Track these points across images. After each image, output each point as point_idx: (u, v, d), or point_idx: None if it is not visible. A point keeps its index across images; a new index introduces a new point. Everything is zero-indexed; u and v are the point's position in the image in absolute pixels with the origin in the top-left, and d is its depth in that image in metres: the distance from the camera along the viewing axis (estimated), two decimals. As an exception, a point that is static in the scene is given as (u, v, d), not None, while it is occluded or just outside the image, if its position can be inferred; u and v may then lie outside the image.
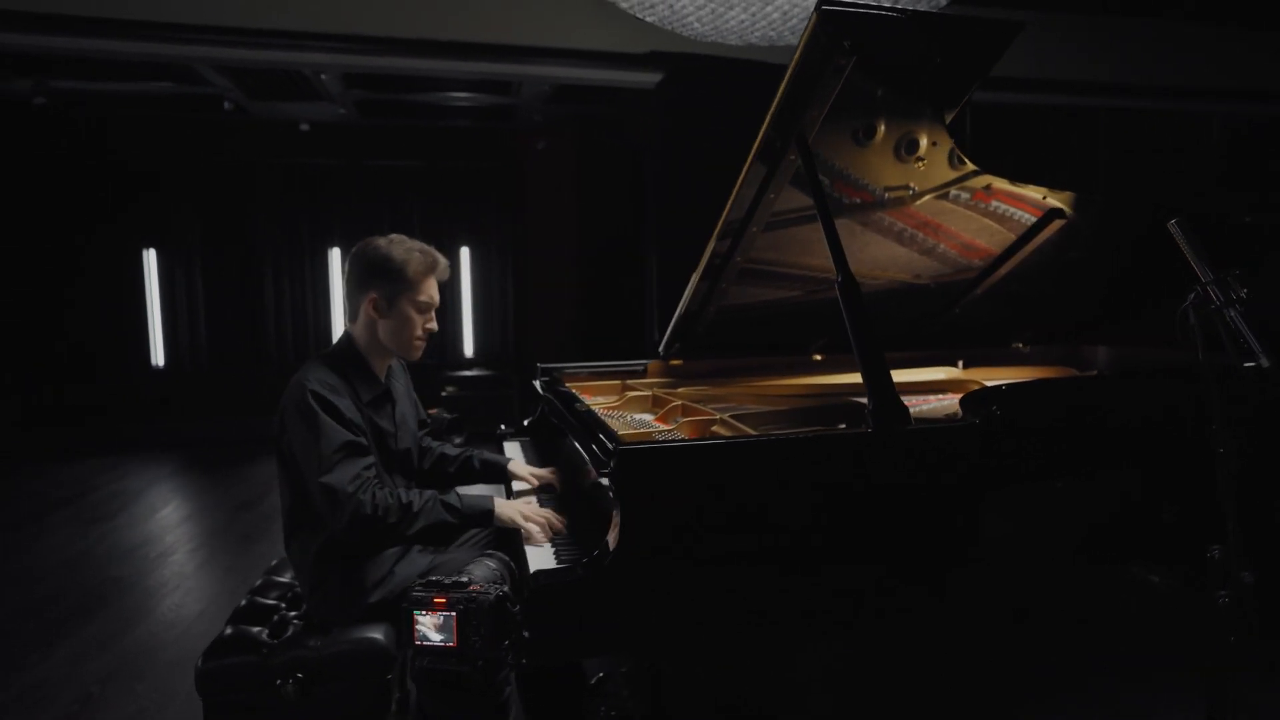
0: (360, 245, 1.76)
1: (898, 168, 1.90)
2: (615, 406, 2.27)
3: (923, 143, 1.85)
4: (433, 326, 1.79)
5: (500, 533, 1.84)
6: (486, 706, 1.05)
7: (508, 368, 6.73)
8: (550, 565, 1.45)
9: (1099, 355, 2.78)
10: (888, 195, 2.01)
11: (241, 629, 1.70)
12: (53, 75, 4.90)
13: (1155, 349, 2.52)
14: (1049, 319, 2.65)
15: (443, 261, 1.79)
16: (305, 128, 6.04)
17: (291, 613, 1.79)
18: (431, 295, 1.77)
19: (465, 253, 6.87)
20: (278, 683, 1.56)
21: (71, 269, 6.09)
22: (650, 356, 2.51)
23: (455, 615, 1.00)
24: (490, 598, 1.03)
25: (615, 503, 1.23)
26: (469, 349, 6.95)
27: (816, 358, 2.57)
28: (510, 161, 6.63)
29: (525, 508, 1.70)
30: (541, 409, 2.34)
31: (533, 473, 2.00)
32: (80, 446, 5.81)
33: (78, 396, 6.13)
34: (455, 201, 6.77)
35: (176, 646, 2.70)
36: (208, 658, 1.60)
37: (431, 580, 1.08)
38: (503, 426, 2.55)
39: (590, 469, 1.50)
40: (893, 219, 2.11)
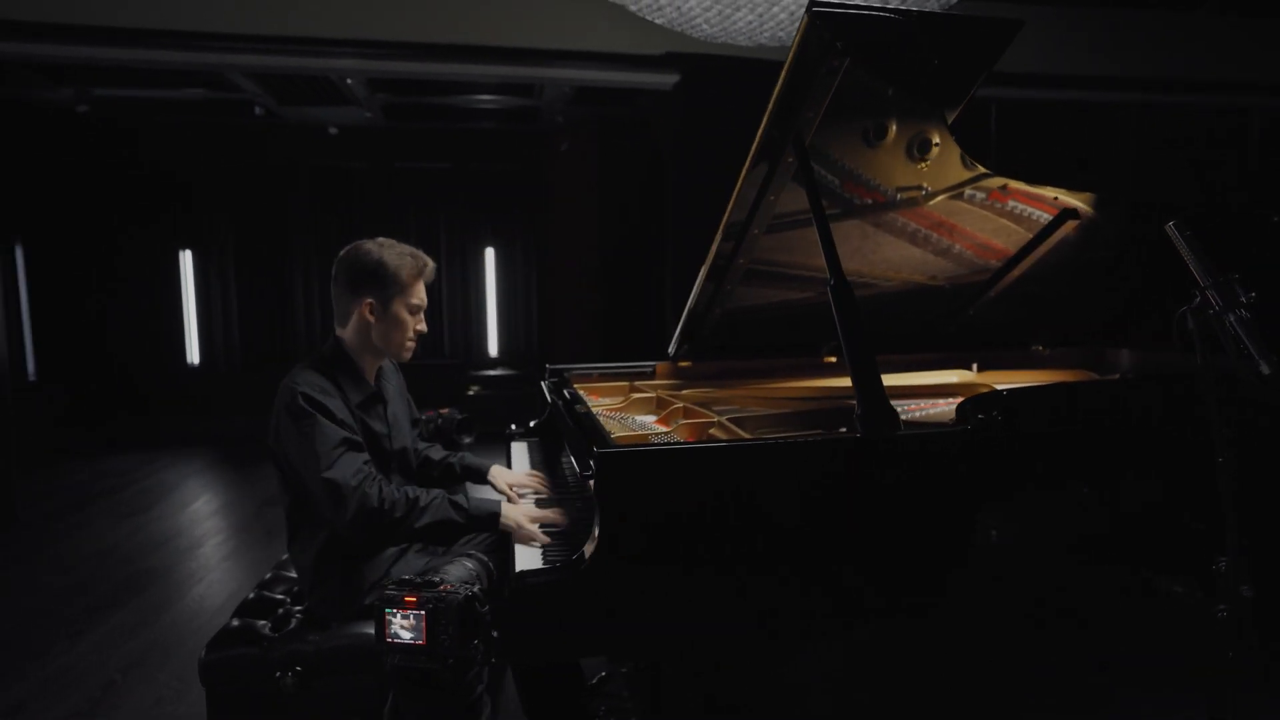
0: (349, 250, 1.79)
1: (910, 168, 1.88)
2: (619, 408, 2.27)
3: (934, 142, 1.83)
4: (422, 328, 1.83)
5: (505, 535, 1.86)
6: (457, 704, 1.07)
7: (532, 367, 6.79)
8: (536, 565, 1.46)
9: (1122, 359, 2.70)
10: (900, 196, 1.99)
11: (246, 622, 1.75)
12: (94, 84, 5.09)
13: (1181, 353, 2.43)
14: (1070, 321, 2.59)
15: (430, 264, 1.83)
16: (334, 131, 6.17)
17: (296, 607, 1.83)
18: (422, 297, 1.81)
19: (490, 253, 6.95)
20: (277, 675, 1.60)
21: (113, 271, 6.33)
22: (664, 358, 2.51)
23: (425, 614, 1.02)
24: (459, 597, 1.04)
25: (595, 505, 1.24)
26: (493, 349, 7.03)
27: (830, 359, 2.54)
28: (534, 163, 6.69)
29: (531, 511, 1.71)
30: (549, 411, 2.36)
31: (511, 483, 1.95)
32: (121, 442, 6.04)
33: (118, 394, 6.35)
34: (480, 203, 6.85)
35: (198, 637, 2.78)
36: (211, 649, 1.65)
37: (404, 579, 1.10)
38: (512, 426, 2.58)
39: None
40: (906, 219, 2.08)
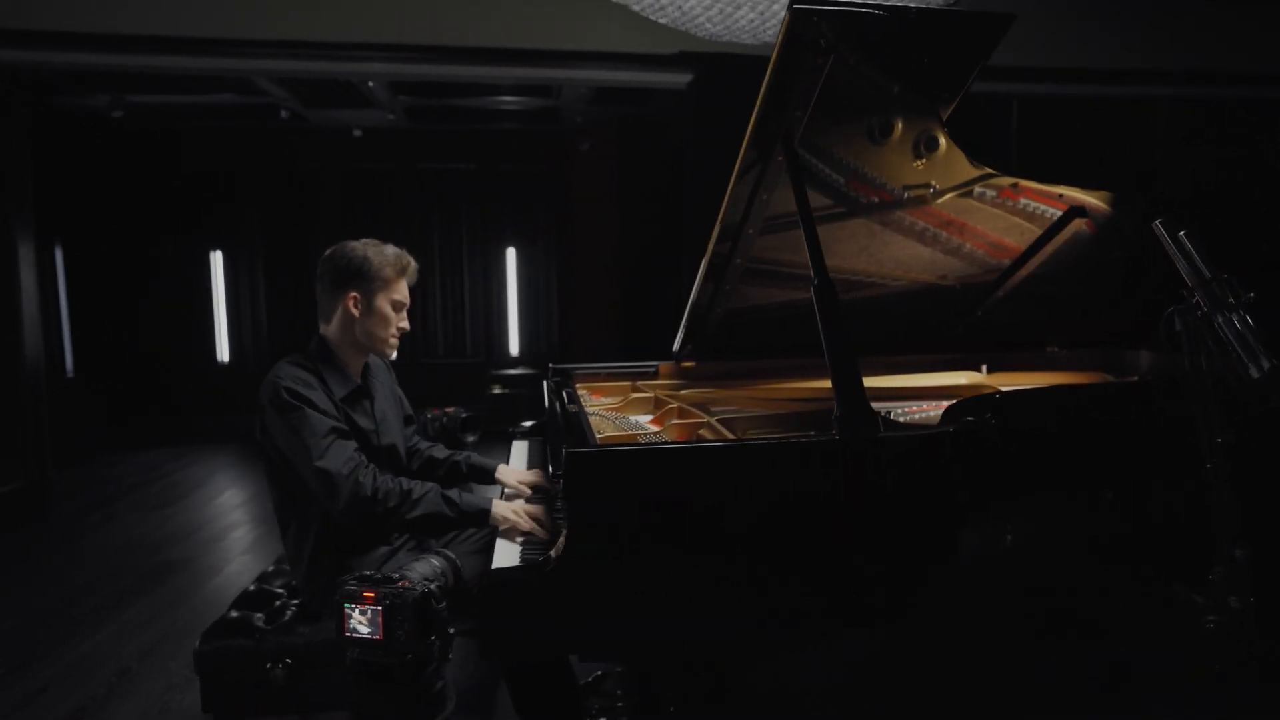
0: (334, 249, 1.84)
1: (917, 166, 1.85)
2: (617, 408, 2.27)
3: (940, 140, 1.80)
4: (405, 325, 1.88)
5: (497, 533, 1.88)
6: (416, 699, 1.08)
7: (553, 366, 6.83)
8: (513, 563, 1.47)
9: (1141, 360, 2.62)
10: (908, 194, 1.96)
11: (243, 613, 1.79)
12: (128, 90, 5.26)
13: (1186, 355, 2.35)
14: (1087, 322, 2.52)
15: (414, 264, 1.89)
16: (358, 134, 6.27)
17: (293, 600, 1.87)
18: (405, 295, 1.86)
19: (511, 253, 7.00)
20: (268, 666, 1.64)
21: (148, 272, 6.52)
22: (670, 358, 2.50)
23: (381, 609, 1.04)
24: (415, 594, 1.06)
25: (565, 504, 1.25)
26: (515, 348, 7.08)
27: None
28: (555, 164, 6.72)
29: (522, 507, 1.72)
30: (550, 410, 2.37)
31: (520, 480, 1.99)
32: (154, 437, 6.24)
33: (151, 391, 6.55)
34: (502, 203, 6.91)
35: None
36: (206, 639, 1.69)
37: (365, 574, 1.12)
38: (517, 425, 2.60)
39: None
40: (915, 218, 2.06)
